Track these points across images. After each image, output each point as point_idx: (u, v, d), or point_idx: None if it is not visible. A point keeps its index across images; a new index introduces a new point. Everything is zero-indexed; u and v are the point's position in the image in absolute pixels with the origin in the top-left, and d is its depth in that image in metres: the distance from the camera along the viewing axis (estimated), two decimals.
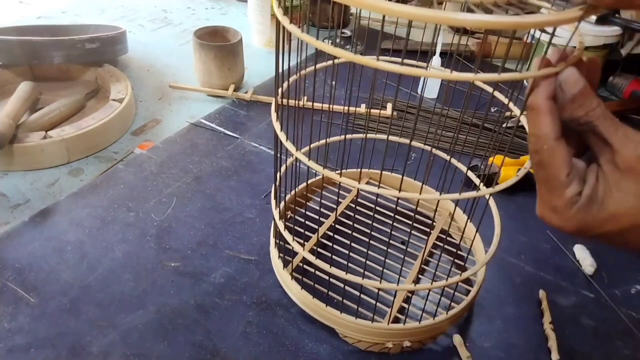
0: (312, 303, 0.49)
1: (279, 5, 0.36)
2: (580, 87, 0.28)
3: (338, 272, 0.45)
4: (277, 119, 0.42)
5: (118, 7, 1.22)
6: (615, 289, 0.57)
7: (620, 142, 0.28)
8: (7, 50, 0.79)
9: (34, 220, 0.59)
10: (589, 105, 0.28)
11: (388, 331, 0.47)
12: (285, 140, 0.41)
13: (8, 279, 0.52)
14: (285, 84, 0.43)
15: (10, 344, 0.46)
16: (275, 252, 0.53)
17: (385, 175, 0.65)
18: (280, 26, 0.37)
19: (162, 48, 1.05)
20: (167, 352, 0.47)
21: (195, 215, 0.62)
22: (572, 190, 0.29)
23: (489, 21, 0.25)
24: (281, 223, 0.49)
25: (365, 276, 0.44)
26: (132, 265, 0.55)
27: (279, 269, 0.53)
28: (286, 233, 0.47)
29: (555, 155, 0.29)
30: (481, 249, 0.55)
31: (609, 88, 1.01)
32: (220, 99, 0.88)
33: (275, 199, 0.50)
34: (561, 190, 0.29)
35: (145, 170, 0.68)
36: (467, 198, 0.36)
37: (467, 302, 0.49)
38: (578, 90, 0.28)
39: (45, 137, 0.68)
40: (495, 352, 0.50)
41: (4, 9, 1.17)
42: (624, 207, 0.28)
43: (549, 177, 0.30)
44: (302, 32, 0.33)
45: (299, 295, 0.50)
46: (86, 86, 0.86)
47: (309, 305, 0.49)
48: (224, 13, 1.26)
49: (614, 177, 0.29)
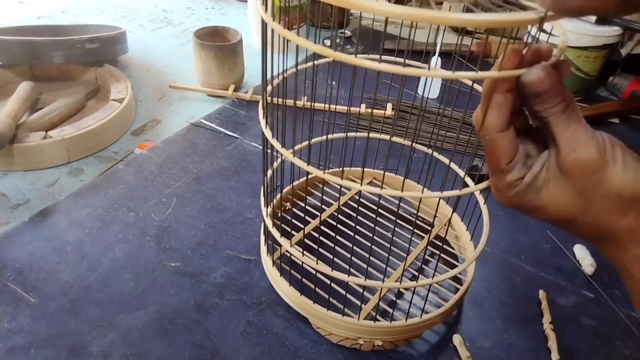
0: (288, 290, 0.49)
1: (262, 3, 0.36)
2: (545, 87, 0.29)
3: (324, 268, 0.44)
4: (263, 116, 0.42)
5: (118, 7, 1.22)
6: (615, 289, 0.57)
7: (564, 143, 0.29)
8: (7, 50, 0.79)
9: (34, 220, 0.59)
10: (549, 103, 0.29)
11: (359, 327, 0.46)
12: (271, 137, 0.41)
13: (8, 279, 0.52)
14: (274, 82, 0.43)
15: (10, 344, 0.46)
16: (264, 249, 0.53)
17: (379, 174, 0.64)
18: (264, 25, 0.37)
19: (162, 48, 1.05)
20: (167, 352, 0.47)
21: (195, 215, 0.62)
22: (512, 176, 0.31)
23: (440, 17, 0.26)
24: (269, 220, 0.49)
25: (352, 273, 0.44)
26: (132, 265, 0.55)
27: (267, 265, 0.53)
28: (274, 230, 0.47)
29: (496, 146, 0.31)
30: (472, 247, 0.55)
31: (609, 88, 1.01)
32: (220, 99, 0.88)
33: (265, 196, 0.50)
34: (502, 175, 0.32)
35: (145, 170, 0.68)
36: (449, 196, 0.37)
37: (446, 308, 0.48)
38: (541, 89, 0.29)
39: (45, 137, 0.68)
40: (495, 352, 0.50)
41: (4, 9, 1.17)
42: (554, 201, 0.30)
43: (492, 162, 0.32)
44: (284, 29, 0.33)
45: (284, 288, 0.50)
46: (86, 86, 0.86)
47: (287, 295, 0.50)
48: (224, 13, 1.26)
49: (554, 172, 0.30)
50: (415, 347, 0.49)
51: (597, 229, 0.30)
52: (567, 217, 0.31)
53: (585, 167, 0.28)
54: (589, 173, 0.29)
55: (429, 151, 0.55)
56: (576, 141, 0.29)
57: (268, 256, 0.52)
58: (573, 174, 0.29)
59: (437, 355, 0.49)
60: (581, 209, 0.30)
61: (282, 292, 0.50)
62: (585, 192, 0.29)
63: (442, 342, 0.50)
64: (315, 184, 0.65)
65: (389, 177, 0.64)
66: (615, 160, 0.29)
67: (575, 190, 0.29)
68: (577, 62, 0.91)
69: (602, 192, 0.29)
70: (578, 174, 0.29)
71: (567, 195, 0.30)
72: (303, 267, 0.48)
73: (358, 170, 0.65)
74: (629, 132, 0.88)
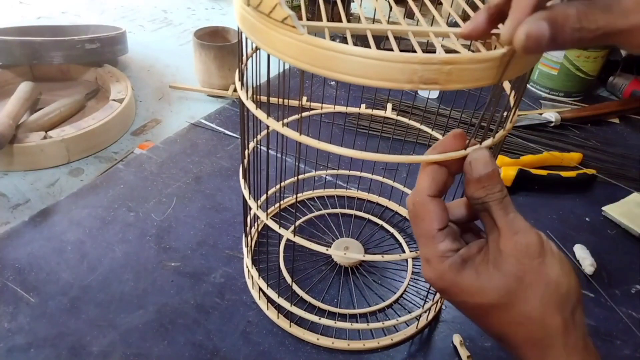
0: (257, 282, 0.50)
1: (241, 88, 0.38)
2: (489, 170, 0.29)
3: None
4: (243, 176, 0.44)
5: (118, 7, 1.22)
6: (615, 289, 0.57)
7: (505, 227, 0.29)
8: (7, 51, 0.79)
9: (34, 220, 0.59)
10: (491, 188, 0.29)
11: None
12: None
13: (8, 278, 0.52)
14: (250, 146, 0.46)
15: (10, 343, 0.46)
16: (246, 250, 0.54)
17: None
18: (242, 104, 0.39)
19: (162, 48, 1.05)
20: (167, 352, 0.47)
21: (195, 215, 0.62)
22: (445, 245, 0.30)
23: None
24: (254, 271, 0.50)
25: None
26: (132, 265, 0.55)
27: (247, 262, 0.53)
28: (261, 281, 0.48)
29: (426, 210, 0.30)
30: None
31: (609, 88, 1.01)
32: (220, 99, 0.88)
33: (247, 246, 0.51)
34: (434, 242, 0.30)
35: (145, 170, 0.68)
36: (389, 260, 0.38)
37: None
38: (485, 173, 0.29)
39: (45, 137, 0.68)
40: (496, 352, 0.50)
41: (4, 9, 1.17)
42: (495, 284, 0.29)
43: (422, 230, 0.31)
44: (257, 110, 0.37)
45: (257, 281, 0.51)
46: (86, 86, 0.86)
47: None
48: (224, 13, 1.26)
49: (495, 255, 0.29)
50: (415, 347, 0.49)
51: (528, 324, 0.29)
52: (504, 302, 0.29)
53: (527, 249, 0.28)
54: (530, 256, 0.28)
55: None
56: (517, 226, 0.29)
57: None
58: (515, 256, 0.29)
59: (437, 355, 0.49)
60: (520, 296, 0.28)
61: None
62: (525, 276, 0.28)
63: (442, 342, 0.50)
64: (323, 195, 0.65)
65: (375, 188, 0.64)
66: (553, 252, 0.29)
67: (515, 274, 0.28)
68: (577, 62, 0.92)
69: (542, 279, 0.28)
70: (520, 256, 0.28)
71: (508, 279, 0.29)
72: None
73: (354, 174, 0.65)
74: (629, 132, 0.88)
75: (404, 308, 0.53)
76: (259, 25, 0.29)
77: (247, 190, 0.44)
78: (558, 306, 0.28)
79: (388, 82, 0.27)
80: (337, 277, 0.55)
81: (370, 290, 0.54)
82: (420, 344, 0.50)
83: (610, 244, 0.63)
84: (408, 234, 0.61)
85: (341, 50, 0.26)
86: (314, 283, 0.54)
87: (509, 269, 0.29)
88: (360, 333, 0.49)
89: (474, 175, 0.30)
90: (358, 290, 0.54)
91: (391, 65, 0.26)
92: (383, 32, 0.32)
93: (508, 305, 0.29)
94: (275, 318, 0.49)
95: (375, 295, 0.54)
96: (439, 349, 0.50)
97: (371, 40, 0.29)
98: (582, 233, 0.64)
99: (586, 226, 0.66)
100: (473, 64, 0.26)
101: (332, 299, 0.53)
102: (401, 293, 0.54)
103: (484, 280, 0.29)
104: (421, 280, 0.56)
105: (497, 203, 0.29)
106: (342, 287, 0.54)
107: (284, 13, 0.27)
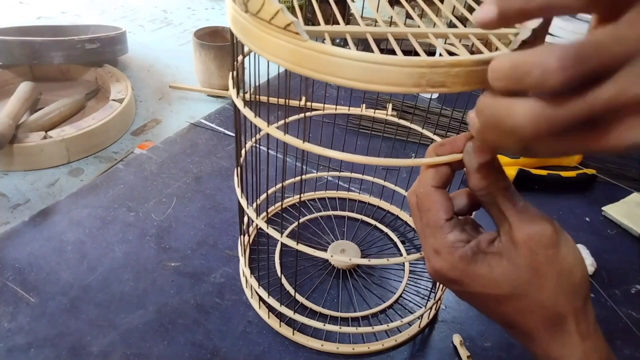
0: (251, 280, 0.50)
1: (237, 95, 0.37)
2: (487, 158, 0.29)
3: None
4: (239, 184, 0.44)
5: (118, 8, 1.22)
6: (615, 289, 0.57)
7: (516, 217, 0.29)
8: (7, 50, 0.79)
9: (34, 220, 0.59)
10: (493, 177, 0.29)
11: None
12: (246, 207, 0.43)
13: (8, 278, 0.52)
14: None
15: (10, 343, 0.46)
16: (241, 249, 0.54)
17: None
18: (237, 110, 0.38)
19: (162, 48, 1.05)
20: (167, 352, 0.47)
21: (195, 215, 0.62)
22: (455, 236, 0.30)
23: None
24: (254, 280, 0.49)
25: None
26: (132, 265, 0.55)
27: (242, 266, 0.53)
28: (261, 289, 0.48)
29: (431, 200, 0.30)
30: None
31: None
32: (220, 99, 0.88)
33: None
34: (442, 232, 0.30)
35: (145, 170, 0.68)
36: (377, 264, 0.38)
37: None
38: (484, 160, 0.29)
39: (45, 137, 0.68)
40: (496, 352, 0.50)
41: (4, 9, 1.17)
42: (509, 276, 0.29)
43: (429, 220, 0.30)
44: (255, 117, 0.36)
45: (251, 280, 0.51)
46: (86, 86, 0.86)
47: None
48: (224, 13, 1.26)
49: (508, 247, 0.29)
50: (415, 347, 0.49)
51: (542, 312, 0.29)
52: (518, 293, 0.29)
53: (540, 239, 0.28)
54: (544, 247, 0.28)
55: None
56: (529, 216, 0.29)
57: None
58: (528, 247, 0.28)
59: (437, 355, 0.49)
60: (534, 285, 0.28)
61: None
62: (540, 267, 0.28)
63: (442, 342, 0.50)
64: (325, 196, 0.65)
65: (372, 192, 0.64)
66: (567, 240, 0.29)
67: (530, 265, 0.28)
68: None
69: (556, 268, 0.28)
70: (534, 247, 0.28)
71: (521, 270, 0.28)
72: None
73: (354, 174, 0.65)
74: None
75: (404, 308, 0.53)
76: (258, 33, 0.28)
77: (244, 199, 0.43)
78: (571, 295, 0.29)
79: (396, 86, 0.26)
80: (335, 280, 0.55)
81: (369, 292, 0.54)
82: (420, 344, 0.50)
83: (610, 244, 0.63)
84: (406, 237, 0.61)
85: (347, 56, 0.26)
86: (313, 287, 0.54)
87: (523, 261, 0.28)
88: (364, 336, 0.49)
89: (474, 163, 0.29)
90: (357, 293, 0.54)
91: (398, 69, 0.26)
92: (383, 34, 0.31)
93: (521, 296, 0.29)
94: (277, 327, 0.49)
95: (374, 296, 0.54)
96: (439, 349, 0.50)
97: (372, 43, 0.29)
98: (582, 233, 0.65)
99: (586, 226, 0.66)
100: (479, 66, 0.26)
101: (332, 302, 0.53)
102: (400, 293, 0.54)
103: (497, 273, 0.29)
104: (421, 280, 0.56)
105: (503, 193, 0.29)
106: (340, 290, 0.54)
107: (287, 19, 0.26)
